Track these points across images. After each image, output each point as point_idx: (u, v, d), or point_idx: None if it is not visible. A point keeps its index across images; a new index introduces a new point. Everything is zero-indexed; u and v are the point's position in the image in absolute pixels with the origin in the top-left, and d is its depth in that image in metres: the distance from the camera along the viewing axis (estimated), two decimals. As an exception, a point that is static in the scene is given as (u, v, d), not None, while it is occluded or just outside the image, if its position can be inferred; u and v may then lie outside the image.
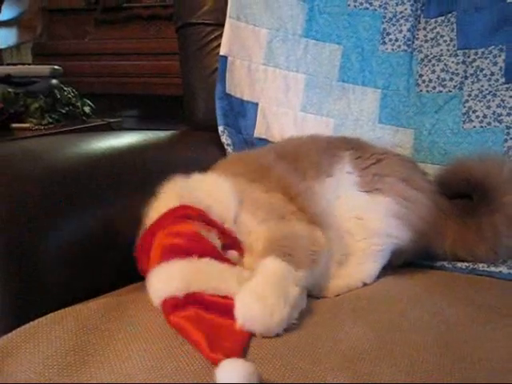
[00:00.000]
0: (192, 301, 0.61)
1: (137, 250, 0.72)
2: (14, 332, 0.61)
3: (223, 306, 0.61)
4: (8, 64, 2.50)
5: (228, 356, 0.52)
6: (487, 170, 0.92)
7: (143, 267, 0.70)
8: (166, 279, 0.63)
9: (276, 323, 0.59)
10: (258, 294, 0.60)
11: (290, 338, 0.59)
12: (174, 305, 0.61)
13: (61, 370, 0.55)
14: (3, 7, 2.58)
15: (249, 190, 0.79)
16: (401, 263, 0.87)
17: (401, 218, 0.83)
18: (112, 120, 1.82)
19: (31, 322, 0.63)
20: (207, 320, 0.59)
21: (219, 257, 0.67)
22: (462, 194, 0.95)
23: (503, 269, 0.88)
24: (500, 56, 1.05)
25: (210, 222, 0.71)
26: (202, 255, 0.65)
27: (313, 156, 0.87)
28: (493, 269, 0.88)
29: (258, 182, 0.80)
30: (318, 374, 0.53)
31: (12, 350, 0.58)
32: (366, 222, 0.83)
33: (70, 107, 1.66)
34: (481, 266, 0.89)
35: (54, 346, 0.58)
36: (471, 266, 0.89)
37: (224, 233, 0.72)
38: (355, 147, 0.91)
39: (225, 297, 0.62)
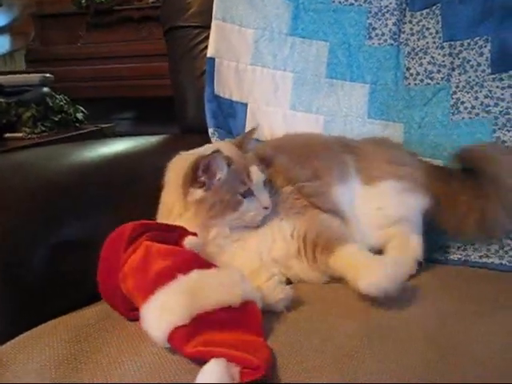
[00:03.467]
0: (200, 324, 0.57)
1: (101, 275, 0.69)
2: (7, 343, 0.62)
3: (231, 321, 0.58)
4: (1, 73, 2.51)
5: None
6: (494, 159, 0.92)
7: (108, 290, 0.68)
8: (166, 310, 0.57)
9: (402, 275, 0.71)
10: (372, 262, 0.71)
11: (279, 335, 0.60)
12: (185, 335, 0.56)
13: (54, 379, 0.56)
14: (-6, 15, 2.58)
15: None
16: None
17: (407, 189, 0.89)
18: (104, 125, 1.82)
19: (25, 333, 0.64)
20: (226, 339, 0.56)
21: (205, 263, 0.65)
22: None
23: (495, 259, 0.89)
24: (486, 47, 1.05)
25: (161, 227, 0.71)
26: (189, 269, 0.61)
27: (323, 157, 0.92)
28: (485, 260, 0.89)
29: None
30: (304, 372, 0.53)
31: (6, 361, 0.59)
32: (384, 210, 0.88)
33: (63, 114, 1.66)
34: (473, 258, 0.90)
35: (47, 356, 0.59)
36: (463, 258, 0.90)
37: (169, 230, 0.70)
38: (350, 150, 0.95)
39: (228, 308, 0.58)
